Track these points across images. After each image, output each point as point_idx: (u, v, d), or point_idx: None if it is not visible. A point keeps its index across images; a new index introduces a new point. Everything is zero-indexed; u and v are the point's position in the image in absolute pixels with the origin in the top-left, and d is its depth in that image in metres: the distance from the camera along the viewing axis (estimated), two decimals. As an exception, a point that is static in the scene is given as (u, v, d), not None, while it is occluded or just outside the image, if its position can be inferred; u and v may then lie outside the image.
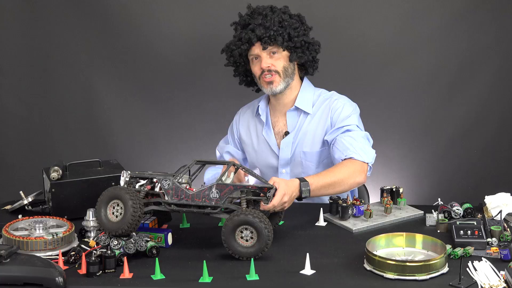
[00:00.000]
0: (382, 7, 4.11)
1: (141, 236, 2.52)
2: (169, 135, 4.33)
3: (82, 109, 4.30)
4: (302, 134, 3.08)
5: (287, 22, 2.99)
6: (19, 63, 4.24)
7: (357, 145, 2.91)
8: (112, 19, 4.15)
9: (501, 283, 2.23)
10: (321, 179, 2.77)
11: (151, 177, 2.59)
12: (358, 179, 2.86)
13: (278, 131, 3.14)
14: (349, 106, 3.07)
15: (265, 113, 3.16)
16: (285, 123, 3.13)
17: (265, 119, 3.15)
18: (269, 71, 3.01)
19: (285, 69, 3.02)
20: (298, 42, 3.01)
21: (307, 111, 3.08)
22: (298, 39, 3.00)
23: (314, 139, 3.07)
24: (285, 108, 3.12)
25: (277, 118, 3.15)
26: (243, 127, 3.24)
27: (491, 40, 4.12)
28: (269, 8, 3.05)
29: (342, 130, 2.98)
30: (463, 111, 4.22)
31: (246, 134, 3.22)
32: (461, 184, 4.28)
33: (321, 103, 3.10)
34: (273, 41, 2.97)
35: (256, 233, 2.44)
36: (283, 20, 2.99)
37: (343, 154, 2.90)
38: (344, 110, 3.04)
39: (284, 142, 3.11)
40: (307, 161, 3.08)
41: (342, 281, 2.31)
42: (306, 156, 3.08)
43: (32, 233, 2.59)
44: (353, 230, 2.72)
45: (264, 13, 3.00)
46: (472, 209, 2.77)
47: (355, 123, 3.01)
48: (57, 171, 2.86)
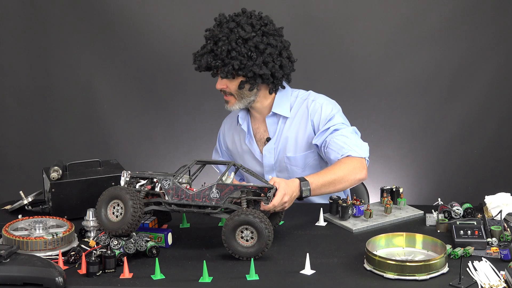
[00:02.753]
0: (382, 7, 4.12)
1: (141, 236, 2.52)
2: (169, 135, 4.33)
3: (82, 109, 4.30)
4: (283, 139, 3.06)
5: (236, 51, 2.87)
6: (19, 63, 4.24)
7: (351, 142, 2.90)
8: (112, 20, 4.15)
9: (501, 283, 2.23)
10: (321, 178, 2.77)
11: (151, 177, 2.59)
12: (359, 175, 2.85)
13: (260, 138, 3.12)
14: (328, 104, 3.02)
15: (245, 121, 3.12)
16: (265, 129, 3.10)
17: (247, 128, 3.12)
18: (224, 92, 2.99)
19: (239, 92, 2.96)
20: (245, 74, 2.90)
21: (285, 115, 3.04)
22: (244, 71, 2.89)
23: (296, 143, 3.05)
24: (262, 115, 3.08)
25: (258, 125, 3.12)
26: (229, 137, 3.23)
27: (491, 40, 4.12)
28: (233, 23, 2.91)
29: (330, 131, 2.95)
30: (463, 111, 4.22)
31: (232, 144, 3.21)
32: (461, 184, 4.28)
33: (299, 105, 3.06)
34: (220, 71, 2.91)
35: (257, 233, 2.44)
36: (233, 49, 2.87)
37: (338, 153, 2.89)
38: (324, 110, 3.00)
39: (266, 148, 3.09)
40: (292, 166, 3.07)
41: (342, 281, 2.31)
42: (290, 160, 3.06)
43: (32, 233, 2.59)
44: (353, 230, 2.72)
45: (219, 37, 2.89)
46: (472, 209, 2.77)
47: (340, 121, 2.98)
48: (57, 171, 2.86)
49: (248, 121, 3.13)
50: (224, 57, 2.88)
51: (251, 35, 2.89)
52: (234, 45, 2.87)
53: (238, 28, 2.90)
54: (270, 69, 2.92)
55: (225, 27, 2.91)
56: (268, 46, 2.91)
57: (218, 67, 2.90)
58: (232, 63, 2.87)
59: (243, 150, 3.16)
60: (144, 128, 4.35)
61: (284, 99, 3.06)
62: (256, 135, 3.12)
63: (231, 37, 2.88)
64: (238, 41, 2.88)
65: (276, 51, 2.94)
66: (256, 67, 2.89)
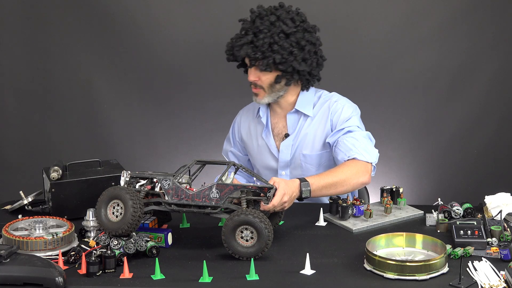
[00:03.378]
0: (382, 7, 4.12)
1: (141, 236, 2.52)
2: (169, 135, 4.33)
3: (82, 109, 4.30)
4: (302, 137, 3.07)
5: (278, 44, 2.87)
6: (19, 62, 4.24)
7: (360, 146, 2.90)
8: (112, 20, 4.15)
9: (501, 283, 2.23)
10: (323, 179, 2.76)
11: (151, 177, 2.59)
12: (362, 179, 2.85)
13: (278, 133, 3.13)
14: (349, 107, 3.05)
15: (265, 115, 3.13)
16: (285, 125, 3.11)
17: (265, 121, 3.13)
18: (255, 85, 2.99)
19: (271, 85, 2.96)
20: (285, 69, 2.91)
21: (308, 113, 3.06)
22: (284, 66, 2.90)
23: (314, 141, 3.06)
24: (285, 110, 3.10)
25: (277, 120, 3.13)
26: (244, 128, 3.23)
27: (491, 40, 4.12)
28: (274, 17, 2.90)
29: (344, 131, 2.97)
30: (463, 111, 4.22)
31: (247, 135, 3.21)
32: (461, 184, 4.28)
33: (321, 105, 3.08)
34: (259, 64, 2.91)
35: (256, 233, 2.44)
36: (275, 43, 2.87)
37: (346, 155, 2.89)
38: (344, 111, 3.02)
39: (283, 144, 3.10)
40: (307, 164, 3.07)
41: (342, 281, 2.31)
42: (306, 158, 3.07)
43: (32, 233, 2.59)
44: (353, 230, 2.72)
45: (260, 29, 2.88)
46: (472, 209, 2.77)
47: (356, 124, 3.00)
48: (57, 171, 2.86)
49: (267, 115, 3.13)
50: (265, 49, 2.88)
51: (293, 30, 2.91)
52: (276, 38, 2.88)
53: (280, 22, 2.90)
54: (308, 66, 2.95)
55: (266, 20, 2.90)
56: (307, 43, 2.94)
57: (257, 59, 2.90)
58: (274, 56, 2.88)
59: (259, 143, 3.15)
60: (144, 128, 4.35)
61: (308, 98, 3.07)
62: (274, 130, 3.13)
63: (273, 30, 2.88)
64: (280, 35, 2.89)
65: (314, 48, 2.97)
66: (296, 63, 2.91)
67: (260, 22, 2.90)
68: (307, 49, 2.93)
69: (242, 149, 3.26)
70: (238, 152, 3.26)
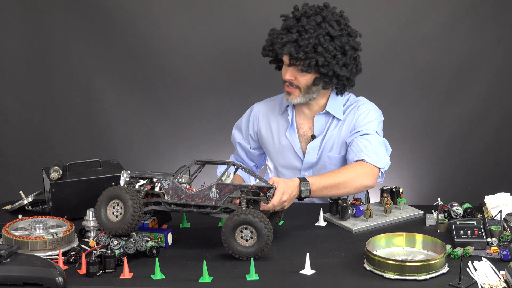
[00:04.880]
0: (382, 7, 4.11)
1: (141, 236, 2.52)
2: (169, 135, 4.33)
3: (82, 109, 4.30)
4: (329, 138, 3.03)
5: (323, 47, 2.83)
6: (19, 63, 4.24)
7: (371, 148, 2.87)
8: (112, 19, 4.15)
9: (501, 283, 2.23)
10: (324, 180, 2.74)
11: (151, 177, 2.59)
12: (366, 182, 2.81)
13: (303, 134, 3.08)
14: (374, 112, 3.02)
15: (291, 113, 3.08)
16: (311, 126, 3.07)
17: (291, 120, 3.08)
18: (290, 84, 2.96)
19: (308, 87, 2.93)
20: (326, 72, 2.88)
21: (338, 116, 3.02)
22: (326, 69, 2.86)
23: (339, 143, 3.03)
24: (313, 112, 3.05)
25: (303, 121, 3.08)
26: (264, 123, 3.14)
27: (491, 40, 4.12)
28: (320, 17, 2.86)
29: (361, 133, 2.94)
30: (463, 111, 4.22)
31: (266, 131, 3.13)
32: (461, 184, 4.28)
33: (348, 107, 3.04)
34: (300, 64, 2.87)
35: (256, 233, 2.44)
36: (319, 45, 2.83)
37: (356, 155, 2.86)
38: (369, 115, 2.99)
39: (310, 146, 3.05)
40: (331, 165, 3.03)
41: (342, 281, 2.31)
42: (331, 160, 3.03)
43: (32, 233, 2.59)
44: (353, 230, 2.72)
45: (306, 28, 2.83)
46: (472, 209, 2.77)
47: (375, 129, 2.96)
48: (57, 171, 2.86)
49: (293, 114, 3.08)
50: (309, 50, 2.84)
51: (338, 34, 2.87)
52: (322, 40, 2.84)
53: (326, 23, 2.86)
54: (348, 71, 2.91)
55: (312, 20, 2.86)
56: (350, 47, 2.91)
57: (299, 59, 2.85)
58: (317, 58, 2.84)
59: (281, 142, 3.10)
60: (144, 128, 4.34)
61: (338, 100, 3.04)
62: (298, 130, 3.09)
63: (319, 32, 2.84)
64: (326, 37, 2.85)
65: (355, 54, 2.94)
66: (338, 67, 2.87)
67: (306, 21, 2.86)
68: (349, 54, 2.90)
69: (253, 143, 3.20)
70: (246, 145, 3.20)
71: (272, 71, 3.19)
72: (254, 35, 3.96)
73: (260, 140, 3.17)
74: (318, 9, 2.92)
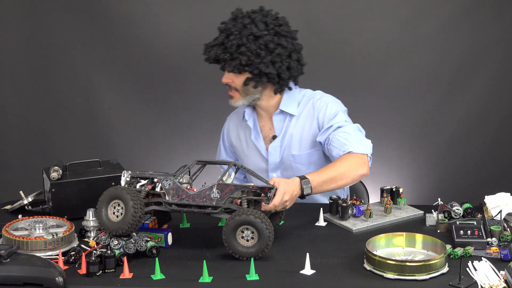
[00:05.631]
0: (382, 7, 4.12)
1: (141, 236, 2.52)
2: (169, 135, 4.33)
3: (82, 109, 4.30)
4: (289, 137, 3.06)
5: (246, 46, 2.88)
6: (19, 63, 4.24)
7: (353, 139, 2.90)
8: (112, 19, 4.15)
9: (501, 283, 2.23)
10: (322, 175, 2.76)
11: (152, 177, 2.59)
12: (361, 171, 2.85)
13: (266, 135, 3.12)
14: (333, 103, 3.04)
15: (252, 118, 3.13)
16: (271, 127, 3.10)
17: (253, 124, 3.12)
18: (229, 87, 2.99)
19: (244, 88, 2.96)
20: (252, 71, 2.90)
21: (293, 113, 3.05)
22: (251, 68, 2.89)
23: (301, 141, 3.05)
24: (269, 112, 3.09)
25: (264, 123, 3.12)
26: (233, 133, 3.22)
27: (491, 40, 4.12)
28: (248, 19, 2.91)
29: (333, 128, 2.96)
30: (463, 111, 4.22)
31: (236, 140, 3.21)
32: (461, 184, 4.28)
33: (305, 103, 3.06)
34: (227, 64, 2.92)
35: (257, 233, 2.44)
36: (243, 45, 2.88)
37: (340, 150, 2.89)
38: (329, 108, 3.01)
39: (272, 146, 3.09)
40: (296, 164, 3.07)
41: (342, 281, 2.31)
42: (295, 158, 3.06)
43: (32, 233, 2.59)
44: (353, 230, 2.72)
45: (231, 31, 2.90)
46: (472, 209, 2.77)
47: (344, 119, 2.99)
48: (57, 171, 2.86)
49: (254, 118, 3.13)
50: (233, 51, 2.89)
51: (263, 33, 2.90)
52: (244, 40, 2.89)
53: (252, 24, 2.91)
54: (276, 69, 2.93)
55: (239, 22, 2.92)
56: (278, 46, 2.92)
57: (226, 60, 2.92)
58: (240, 58, 2.88)
59: (249, 147, 3.15)
60: (144, 128, 4.35)
61: (292, 98, 3.07)
62: (262, 132, 3.13)
63: (243, 32, 2.89)
64: (249, 37, 2.89)
65: (286, 52, 2.95)
66: (263, 65, 2.90)
67: (233, 24, 2.92)
68: (277, 52, 2.91)
69: (232, 154, 3.26)
70: (228, 159, 3.26)
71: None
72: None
73: (234, 149, 3.24)
74: (251, 12, 2.97)
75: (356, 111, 4.25)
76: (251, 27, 2.90)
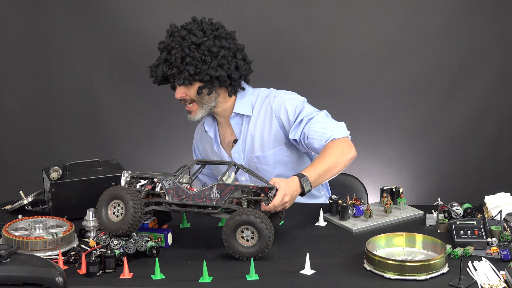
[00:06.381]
0: (382, 7, 4.12)
1: (141, 236, 2.52)
2: (169, 135, 4.33)
3: (82, 109, 4.30)
4: (250, 139, 3.04)
5: (190, 56, 2.87)
6: (19, 63, 4.24)
7: (329, 126, 2.89)
8: (112, 19, 4.15)
9: (501, 283, 2.23)
10: (317, 168, 2.75)
11: (152, 177, 2.59)
12: (349, 155, 2.85)
13: (229, 142, 3.10)
14: (291, 99, 3.00)
15: (212, 128, 3.12)
16: (232, 132, 3.08)
17: (213, 134, 3.12)
18: (185, 101, 2.98)
19: (199, 97, 2.95)
20: (202, 78, 2.90)
21: (247, 114, 3.03)
22: (201, 76, 2.89)
23: (263, 141, 3.03)
24: (226, 117, 3.06)
25: (224, 130, 3.10)
26: (200, 148, 3.23)
27: (491, 40, 4.12)
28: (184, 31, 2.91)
29: (305, 122, 2.94)
30: (463, 111, 4.23)
31: (204, 153, 3.21)
32: (461, 184, 4.28)
33: (261, 103, 3.04)
34: (177, 78, 2.91)
35: (257, 233, 2.44)
36: (186, 56, 2.88)
37: (322, 140, 2.88)
38: (289, 105, 2.98)
39: (234, 150, 3.07)
40: (262, 165, 3.05)
41: (342, 281, 2.31)
42: (260, 160, 3.05)
43: (32, 233, 2.59)
44: (353, 230, 2.73)
45: (172, 45, 2.90)
46: (472, 209, 2.77)
47: (311, 110, 2.97)
48: (57, 171, 2.86)
49: (215, 128, 3.12)
50: (179, 64, 2.88)
51: (203, 40, 2.89)
52: (187, 51, 2.88)
53: (190, 34, 2.90)
54: (225, 70, 2.92)
55: (177, 36, 2.91)
56: (221, 48, 2.91)
57: (174, 75, 2.90)
58: (188, 68, 2.87)
59: (214, 157, 3.14)
60: (144, 128, 4.35)
61: (245, 99, 3.05)
62: (224, 140, 3.11)
63: (184, 44, 2.88)
64: (191, 46, 2.88)
65: (230, 53, 2.94)
66: (212, 70, 2.89)
67: (172, 39, 2.92)
68: (221, 55, 2.90)
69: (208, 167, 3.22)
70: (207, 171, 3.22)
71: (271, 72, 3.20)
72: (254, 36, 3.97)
73: None
74: (185, 24, 2.97)
75: (356, 111, 4.26)
76: (189, 37, 2.89)
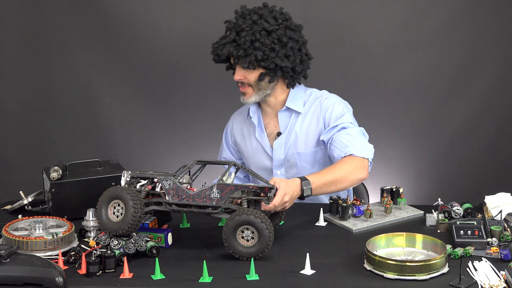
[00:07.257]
0: (382, 8, 4.12)
1: (141, 236, 2.52)
2: (169, 135, 4.33)
3: (82, 109, 4.30)
4: (294, 135, 3.07)
5: (260, 42, 2.89)
6: (19, 63, 4.24)
7: (356, 142, 2.91)
8: (112, 19, 4.15)
9: (501, 283, 2.23)
10: (322, 177, 2.76)
11: (152, 177, 2.59)
12: (360, 175, 2.85)
13: (271, 133, 3.13)
14: (340, 104, 3.06)
15: (256, 115, 3.14)
16: (276, 124, 3.11)
17: (257, 121, 3.13)
18: (242, 83, 3.00)
19: (257, 84, 2.98)
20: (267, 65, 2.92)
21: (299, 110, 3.06)
22: (267, 62, 2.91)
23: (307, 139, 3.06)
24: (275, 109, 3.10)
25: (269, 120, 3.13)
26: (237, 131, 3.23)
27: (491, 40, 4.12)
28: (256, 16, 2.94)
29: (338, 128, 2.97)
30: (463, 111, 4.22)
31: (240, 138, 3.21)
32: (461, 184, 4.28)
33: (312, 102, 3.08)
34: (242, 61, 2.93)
35: (257, 233, 2.44)
36: (256, 40, 2.90)
37: (342, 152, 2.90)
38: (336, 108, 3.03)
39: (276, 143, 3.10)
40: (301, 162, 3.07)
41: (342, 281, 2.31)
42: (300, 156, 3.07)
43: (32, 233, 2.59)
44: (353, 230, 2.72)
45: (242, 27, 2.92)
46: (472, 209, 2.77)
47: (349, 121, 3.00)
48: (57, 171, 2.86)
49: (259, 115, 3.14)
50: (247, 47, 2.91)
51: (274, 28, 2.93)
52: (258, 36, 2.90)
53: (262, 20, 2.93)
54: (291, 62, 2.95)
55: (248, 19, 2.94)
56: (290, 40, 2.95)
57: (240, 57, 2.92)
58: (255, 53, 2.90)
59: (252, 144, 3.16)
60: (144, 128, 4.35)
61: (298, 95, 3.08)
62: (266, 130, 3.13)
63: (255, 28, 2.91)
64: (262, 32, 2.91)
65: (297, 45, 2.99)
66: (278, 59, 2.92)
67: (243, 21, 2.94)
68: (290, 46, 2.95)
69: (235, 153, 3.26)
70: (231, 158, 3.26)
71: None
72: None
73: (238, 148, 3.24)
74: (256, 9, 3.00)
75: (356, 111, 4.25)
76: (261, 23, 2.92)
